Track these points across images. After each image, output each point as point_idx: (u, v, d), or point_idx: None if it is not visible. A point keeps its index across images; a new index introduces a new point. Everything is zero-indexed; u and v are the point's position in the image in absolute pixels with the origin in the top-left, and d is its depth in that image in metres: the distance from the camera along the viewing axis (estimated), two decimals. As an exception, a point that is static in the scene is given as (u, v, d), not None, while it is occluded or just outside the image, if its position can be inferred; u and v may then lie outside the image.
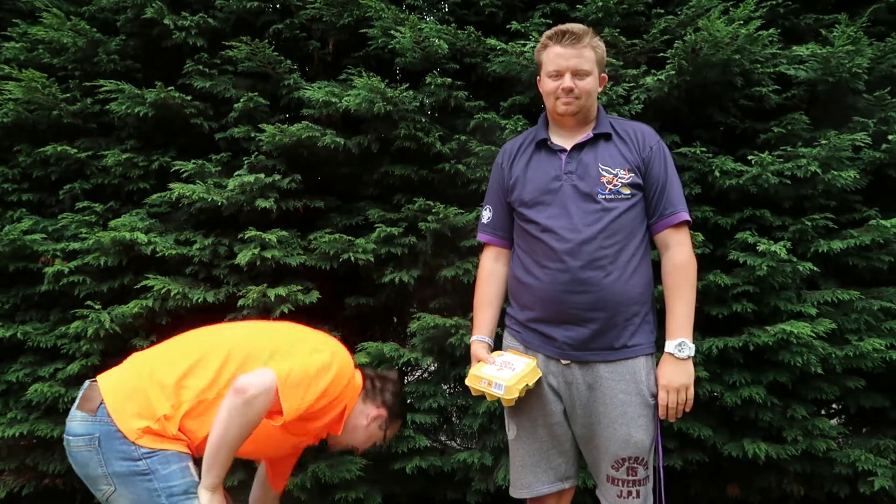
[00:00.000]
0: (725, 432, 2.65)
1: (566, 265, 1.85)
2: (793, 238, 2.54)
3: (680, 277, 1.89)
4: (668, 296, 1.90)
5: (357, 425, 1.87)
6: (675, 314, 1.88)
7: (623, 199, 1.87)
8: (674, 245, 1.91)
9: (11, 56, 2.84)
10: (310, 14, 2.80)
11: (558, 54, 1.85)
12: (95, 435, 1.58)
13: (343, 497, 2.59)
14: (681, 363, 1.85)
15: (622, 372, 1.86)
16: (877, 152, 2.54)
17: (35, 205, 2.94)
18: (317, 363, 1.68)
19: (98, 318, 2.58)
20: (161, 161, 2.78)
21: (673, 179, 1.92)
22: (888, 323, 2.53)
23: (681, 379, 1.86)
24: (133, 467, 1.56)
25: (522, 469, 1.98)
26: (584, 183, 1.87)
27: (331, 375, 1.69)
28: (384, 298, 2.80)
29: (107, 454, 1.56)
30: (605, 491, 1.93)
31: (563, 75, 1.85)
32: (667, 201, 1.90)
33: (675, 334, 1.87)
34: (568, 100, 1.86)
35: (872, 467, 2.52)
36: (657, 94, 2.54)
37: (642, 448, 1.86)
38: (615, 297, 1.84)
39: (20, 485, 2.96)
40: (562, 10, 2.76)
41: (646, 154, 1.90)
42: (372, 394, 1.89)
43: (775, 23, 2.69)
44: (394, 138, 2.68)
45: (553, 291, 1.87)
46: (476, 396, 2.70)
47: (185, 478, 1.59)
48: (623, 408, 1.85)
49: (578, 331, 1.86)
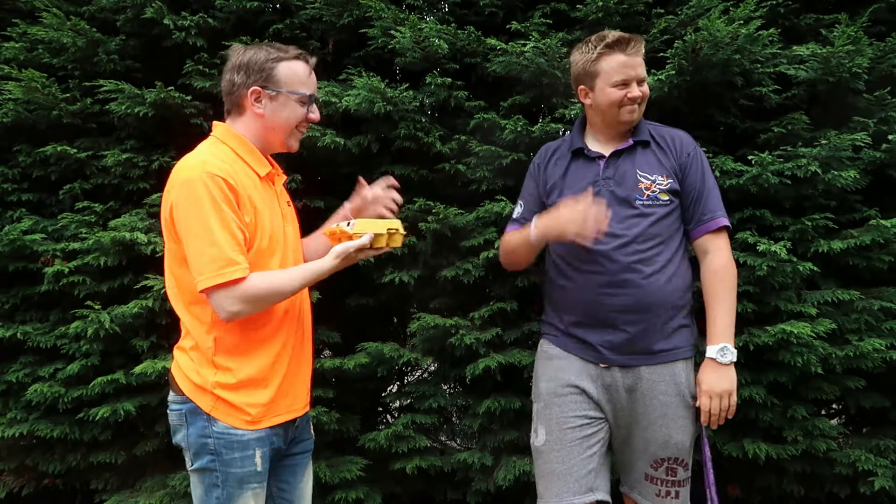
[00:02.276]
0: (725, 432, 2.65)
1: (603, 267, 1.85)
2: (793, 238, 2.54)
3: (719, 283, 1.89)
4: (709, 301, 1.90)
5: (258, 119, 1.67)
6: (715, 320, 1.87)
7: (661, 206, 1.87)
8: (713, 250, 1.91)
9: (11, 56, 2.84)
10: (310, 14, 2.80)
11: (625, 63, 1.85)
12: None
13: (343, 497, 2.59)
14: (723, 368, 1.85)
15: (662, 373, 1.87)
16: (877, 152, 2.54)
17: (35, 205, 2.94)
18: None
19: (98, 318, 2.58)
20: (161, 161, 2.78)
21: (710, 185, 1.93)
22: (888, 323, 2.53)
23: (723, 385, 1.85)
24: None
25: (552, 477, 1.89)
26: (621, 189, 1.88)
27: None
28: (384, 298, 2.80)
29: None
30: (643, 489, 1.92)
31: (630, 84, 1.86)
32: (704, 207, 1.91)
33: (716, 339, 1.86)
34: (633, 107, 1.88)
35: (872, 467, 2.52)
36: (657, 94, 2.54)
37: (682, 449, 1.87)
38: (653, 300, 1.84)
39: (20, 485, 2.97)
40: (562, 10, 2.76)
41: (683, 160, 1.92)
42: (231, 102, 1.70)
43: (775, 23, 2.69)
44: (394, 138, 2.68)
45: (590, 293, 1.87)
46: (476, 396, 2.71)
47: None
48: (663, 409, 1.86)
49: (616, 334, 1.86)
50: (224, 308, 1.55)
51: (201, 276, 1.53)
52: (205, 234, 1.52)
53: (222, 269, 1.52)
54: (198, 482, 1.64)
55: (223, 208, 1.53)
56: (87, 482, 2.97)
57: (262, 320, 1.65)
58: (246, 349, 1.64)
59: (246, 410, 1.62)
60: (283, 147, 1.73)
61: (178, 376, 1.66)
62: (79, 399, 2.69)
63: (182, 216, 1.55)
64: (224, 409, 1.61)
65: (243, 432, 1.62)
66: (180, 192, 1.55)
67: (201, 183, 1.53)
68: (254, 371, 1.64)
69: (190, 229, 1.54)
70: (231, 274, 1.53)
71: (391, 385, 3.18)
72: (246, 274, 1.55)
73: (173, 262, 1.64)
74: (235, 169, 1.61)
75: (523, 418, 2.65)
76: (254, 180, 1.65)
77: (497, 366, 2.51)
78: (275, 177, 1.75)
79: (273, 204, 1.70)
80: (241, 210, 1.58)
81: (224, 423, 1.61)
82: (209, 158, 1.58)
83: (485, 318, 2.61)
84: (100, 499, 2.91)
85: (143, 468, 2.86)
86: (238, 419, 1.62)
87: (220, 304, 1.55)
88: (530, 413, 2.02)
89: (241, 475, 1.61)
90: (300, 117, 1.68)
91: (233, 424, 1.61)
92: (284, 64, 1.66)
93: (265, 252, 1.64)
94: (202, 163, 1.57)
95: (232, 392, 1.61)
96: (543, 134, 2.54)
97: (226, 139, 1.67)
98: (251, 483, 1.62)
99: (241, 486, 1.61)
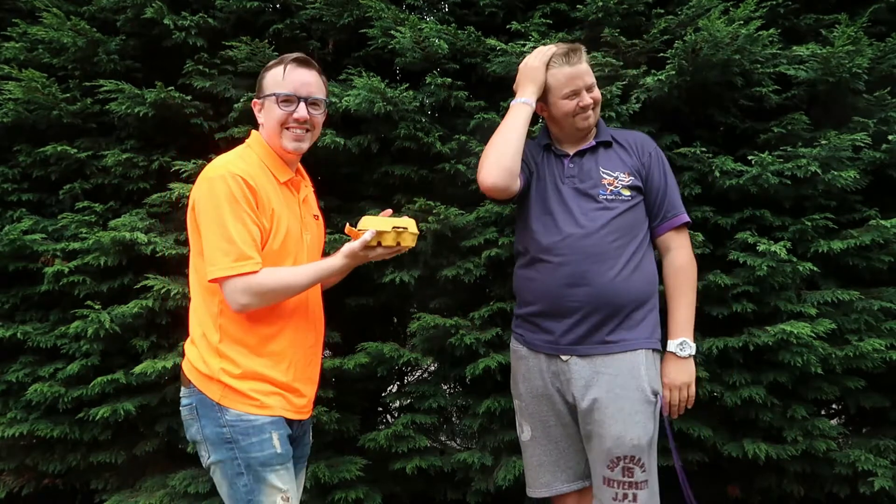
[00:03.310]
0: (725, 432, 2.65)
1: (566, 258, 1.89)
2: (793, 238, 2.54)
3: (681, 279, 1.96)
4: (670, 297, 1.96)
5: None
6: (675, 315, 1.94)
7: (623, 201, 1.93)
8: (675, 247, 1.98)
9: (11, 56, 2.84)
10: (310, 14, 2.79)
11: (571, 75, 1.91)
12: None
13: (343, 497, 2.59)
14: (682, 362, 1.91)
15: (620, 366, 1.87)
16: (877, 152, 2.54)
17: (35, 205, 2.94)
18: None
19: (98, 318, 2.58)
20: (161, 161, 2.78)
21: (671, 183, 2.01)
22: (888, 323, 2.53)
23: (682, 377, 1.91)
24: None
25: (539, 468, 1.98)
26: (584, 185, 1.94)
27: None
28: (384, 298, 2.80)
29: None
30: (601, 495, 1.90)
31: (580, 93, 1.91)
32: (669, 204, 1.98)
33: (676, 334, 1.92)
34: (588, 114, 1.94)
35: (872, 467, 2.52)
36: (657, 94, 2.54)
37: (638, 447, 1.84)
38: (615, 291, 1.87)
39: (20, 485, 2.97)
40: (562, 10, 2.76)
41: (645, 160, 1.99)
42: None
43: (775, 23, 2.69)
44: (394, 138, 2.68)
45: (553, 285, 1.91)
46: (476, 396, 2.71)
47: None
48: (619, 403, 1.85)
49: (577, 323, 1.88)
50: (235, 300, 1.61)
51: (213, 267, 1.60)
52: (221, 228, 1.61)
53: (234, 261, 1.59)
54: (220, 475, 1.66)
55: (241, 205, 1.61)
56: (87, 482, 2.97)
57: (268, 317, 1.67)
58: (251, 344, 1.66)
59: (254, 397, 1.64)
60: (282, 150, 1.77)
61: (187, 368, 1.70)
62: (79, 399, 2.69)
63: (202, 210, 1.64)
64: (233, 396, 1.63)
65: (256, 416, 1.64)
66: (203, 189, 1.66)
67: (222, 181, 1.63)
68: (258, 366, 1.66)
69: (208, 223, 1.63)
70: (242, 267, 1.59)
71: (391, 385, 3.18)
72: (258, 268, 1.61)
73: (196, 256, 1.70)
74: (258, 172, 1.70)
75: (523, 418, 2.65)
76: (274, 185, 1.73)
77: (497, 366, 2.51)
78: (300, 184, 1.83)
79: (293, 209, 1.76)
80: (258, 210, 1.65)
81: (236, 410, 1.63)
82: (234, 160, 1.70)
83: (485, 318, 2.61)
84: (100, 499, 2.91)
85: (143, 468, 2.87)
86: (248, 405, 1.64)
87: (232, 296, 1.61)
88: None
89: (263, 458, 1.63)
90: (279, 117, 1.73)
91: (245, 410, 1.63)
92: (269, 72, 1.77)
93: (277, 253, 1.68)
94: (226, 164, 1.68)
95: (238, 380, 1.64)
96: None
97: (253, 145, 1.79)
98: (273, 465, 1.64)
99: (265, 470, 1.63)
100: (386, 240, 1.66)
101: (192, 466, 2.72)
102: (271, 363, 1.68)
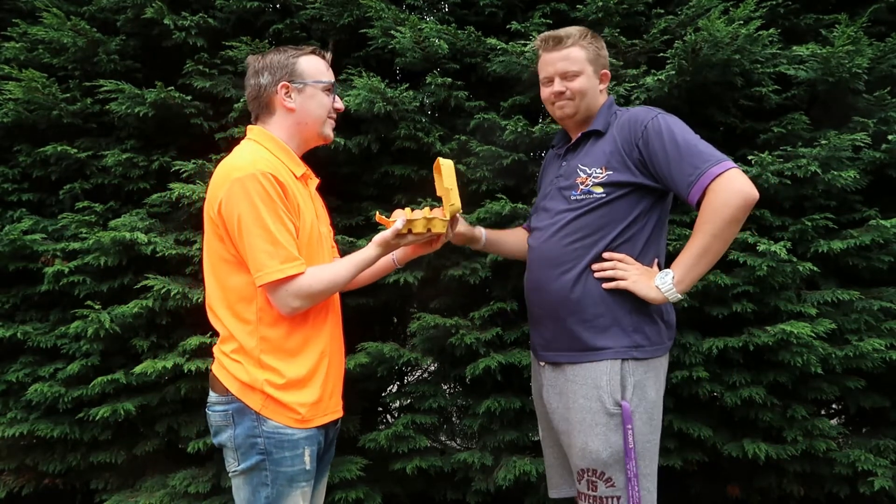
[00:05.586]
0: (725, 432, 2.66)
1: (531, 263, 1.90)
2: (793, 238, 2.54)
3: (701, 219, 1.68)
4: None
5: (292, 113, 1.73)
6: (682, 252, 1.73)
7: (594, 199, 1.78)
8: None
9: (11, 56, 2.84)
10: (310, 14, 2.80)
11: (545, 61, 1.89)
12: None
13: (343, 497, 2.59)
14: (654, 286, 1.72)
15: (584, 376, 1.77)
16: (877, 152, 2.54)
17: (35, 205, 2.94)
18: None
19: (98, 318, 2.58)
20: (161, 161, 2.78)
21: (683, 146, 1.72)
22: (888, 323, 2.53)
23: (639, 287, 1.73)
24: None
25: (550, 469, 2.00)
26: (564, 185, 1.87)
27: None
28: (384, 298, 2.80)
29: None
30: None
31: (552, 80, 1.86)
32: (689, 166, 1.69)
33: (671, 266, 1.74)
34: (561, 103, 1.87)
35: (872, 467, 2.52)
36: (657, 94, 2.54)
37: (598, 461, 1.74)
38: (566, 297, 1.78)
39: (20, 485, 2.97)
40: (562, 10, 2.76)
41: (638, 138, 1.77)
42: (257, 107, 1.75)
43: (775, 23, 2.69)
44: (394, 138, 2.68)
45: (526, 291, 1.93)
46: (476, 396, 2.71)
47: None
48: (582, 414, 1.76)
49: (543, 329, 1.87)
50: (287, 304, 1.58)
51: (261, 272, 1.55)
52: (262, 231, 1.55)
53: (282, 264, 1.55)
54: (243, 483, 1.63)
55: (278, 205, 1.57)
56: (87, 482, 2.97)
57: (307, 318, 1.65)
58: (292, 348, 1.63)
59: (296, 409, 1.62)
60: (319, 138, 1.77)
61: (223, 376, 1.63)
62: (79, 399, 2.69)
63: (234, 213, 1.56)
64: (274, 407, 1.60)
65: (294, 431, 1.62)
66: (232, 190, 1.56)
67: (255, 181, 1.55)
68: (301, 371, 1.63)
69: (248, 226, 1.55)
70: (291, 269, 1.56)
71: (391, 385, 3.18)
72: (304, 269, 1.58)
73: (217, 261, 1.64)
74: (280, 168, 1.65)
75: (523, 418, 2.65)
76: (293, 179, 1.69)
77: (497, 366, 2.51)
78: (308, 178, 1.79)
79: (308, 203, 1.73)
80: (289, 207, 1.61)
81: (275, 421, 1.60)
82: (256, 158, 1.61)
83: (485, 318, 2.62)
84: (100, 499, 2.91)
85: (143, 468, 2.87)
86: (288, 418, 1.61)
87: (284, 300, 1.58)
88: (530, 413, 2.04)
89: (291, 474, 1.62)
90: (328, 105, 1.74)
91: (283, 423, 1.61)
92: (304, 58, 1.72)
93: (306, 248, 1.65)
94: (252, 162, 1.59)
95: (281, 391, 1.61)
96: (543, 134, 2.54)
97: (261, 140, 1.71)
98: (300, 482, 1.63)
99: (290, 485, 1.62)
100: (416, 227, 1.66)
101: (192, 466, 2.72)
102: (313, 364, 1.65)
